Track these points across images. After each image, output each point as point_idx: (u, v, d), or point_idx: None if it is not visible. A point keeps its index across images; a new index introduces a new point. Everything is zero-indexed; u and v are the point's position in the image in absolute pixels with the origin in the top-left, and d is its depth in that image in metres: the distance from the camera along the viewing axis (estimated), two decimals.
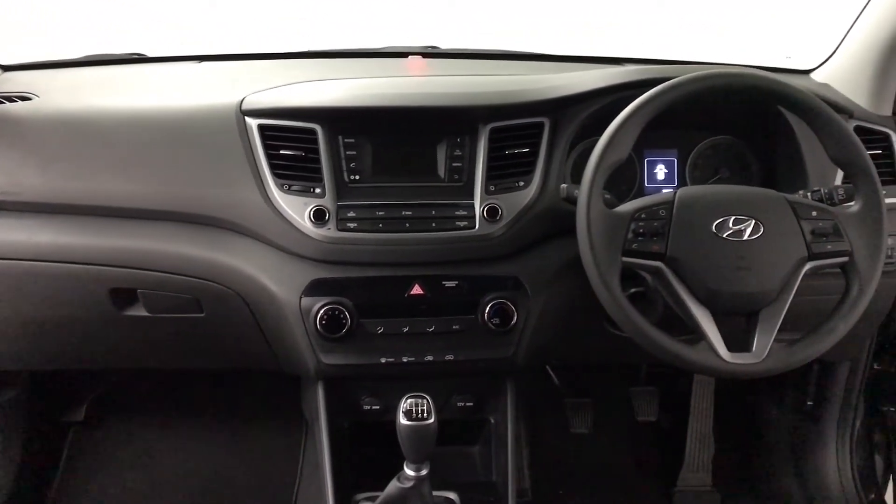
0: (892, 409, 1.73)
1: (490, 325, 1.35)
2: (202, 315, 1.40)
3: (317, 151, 1.32)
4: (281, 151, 1.32)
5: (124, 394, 2.07)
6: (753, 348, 1.16)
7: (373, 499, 1.35)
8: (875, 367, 1.71)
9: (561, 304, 1.39)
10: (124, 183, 1.35)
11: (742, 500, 1.97)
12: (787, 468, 1.91)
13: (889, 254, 1.38)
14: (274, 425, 2.02)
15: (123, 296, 1.39)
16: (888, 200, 1.25)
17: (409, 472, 1.24)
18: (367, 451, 1.47)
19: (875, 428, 1.80)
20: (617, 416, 2.10)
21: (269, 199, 1.31)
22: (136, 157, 1.36)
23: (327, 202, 1.30)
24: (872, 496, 1.78)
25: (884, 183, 1.24)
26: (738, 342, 1.17)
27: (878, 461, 1.82)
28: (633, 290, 1.33)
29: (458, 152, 1.36)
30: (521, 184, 1.34)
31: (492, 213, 1.32)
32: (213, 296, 1.37)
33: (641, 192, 1.51)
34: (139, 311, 1.40)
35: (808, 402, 1.82)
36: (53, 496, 1.89)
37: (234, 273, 1.34)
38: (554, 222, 1.34)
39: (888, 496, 1.80)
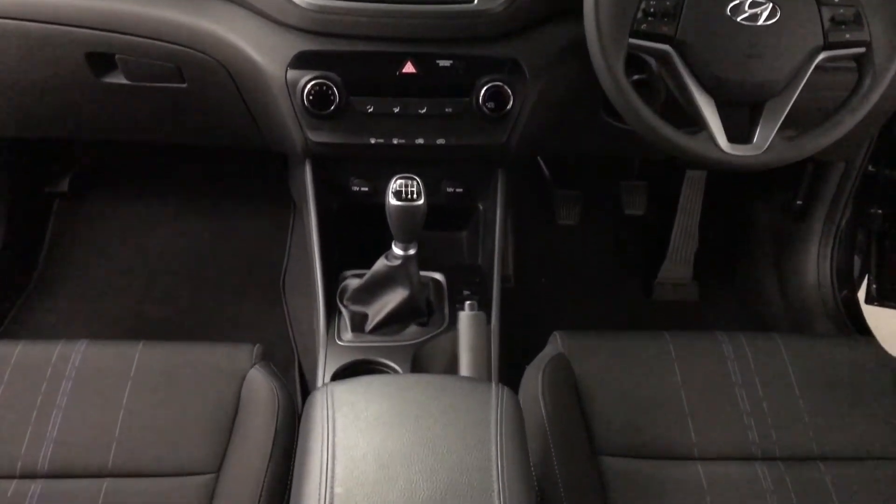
0: (880, 211, 1.74)
1: (485, 109, 1.30)
2: (184, 85, 1.34)
3: None
4: None
5: (110, 168, 2.04)
6: (755, 140, 1.13)
7: (360, 276, 1.37)
8: (870, 168, 1.69)
9: (559, 89, 1.34)
10: None
11: (719, 292, 2.03)
12: (767, 264, 1.96)
13: None
14: (262, 205, 2.02)
15: (101, 61, 1.32)
16: None
17: (396, 250, 1.25)
18: (355, 232, 1.48)
19: (859, 229, 1.82)
20: (605, 210, 2.11)
21: None
22: None
23: None
24: (845, 293, 1.83)
25: None
26: (739, 136, 1.14)
27: (857, 261, 1.86)
28: (635, 77, 1.27)
29: None
30: None
31: None
32: (195, 65, 1.30)
33: None
34: (118, 79, 1.34)
35: (798, 202, 1.82)
36: (40, 268, 1.91)
37: (217, 41, 1.27)
38: None
39: (861, 294, 1.85)
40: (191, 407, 1.10)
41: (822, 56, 1.12)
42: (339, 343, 1.34)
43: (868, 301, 1.81)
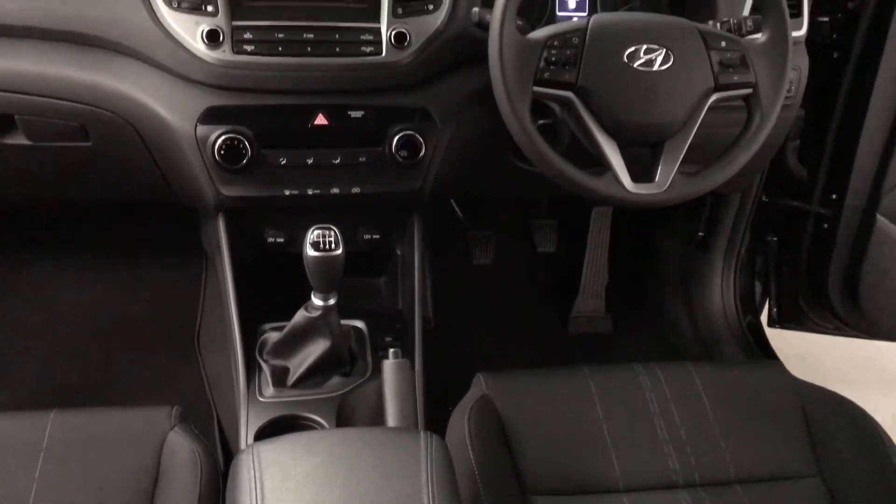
0: (775, 238, 1.83)
1: (398, 157, 1.32)
2: (89, 144, 1.31)
3: None
4: None
5: (12, 227, 1.96)
6: (657, 179, 1.18)
7: (279, 328, 1.36)
8: (763, 199, 1.79)
9: (469, 135, 1.37)
10: None
11: (632, 323, 2.09)
12: (675, 294, 2.03)
13: (788, 87, 1.40)
14: (173, 259, 1.97)
15: (0, 122, 1.28)
16: (793, 34, 1.26)
17: (316, 301, 1.25)
18: (272, 284, 1.47)
19: (757, 256, 1.91)
20: (517, 248, 2.16)
21: (156, 17, 1.20)
22: None
23: (221, 21, 1.20)
24: (749, 318, 1.92)
25: (791, 16, 1.24)
26: (642, 174, 1.19)
27: (758, 287, 1.96)
28: (541, 122, 1.32)
29: None
30: (431, 7, 1.27)
31: (399, 38, 1.25)
32: (100, 123, 1.27)
33: (553, 20, 1.47)
34: (19, 140, 1.30)
35: (700, 233, 1.90)
36: None
37: (122, 99, 1.25)
38: (464, 49, 1.29)
39: (763, 318, 1.94)
40: (109, 477, 1.05)
41: (714, 97, 1.19)
42: (261, 399, 1.31)
43: (770, 324, 1.90)
